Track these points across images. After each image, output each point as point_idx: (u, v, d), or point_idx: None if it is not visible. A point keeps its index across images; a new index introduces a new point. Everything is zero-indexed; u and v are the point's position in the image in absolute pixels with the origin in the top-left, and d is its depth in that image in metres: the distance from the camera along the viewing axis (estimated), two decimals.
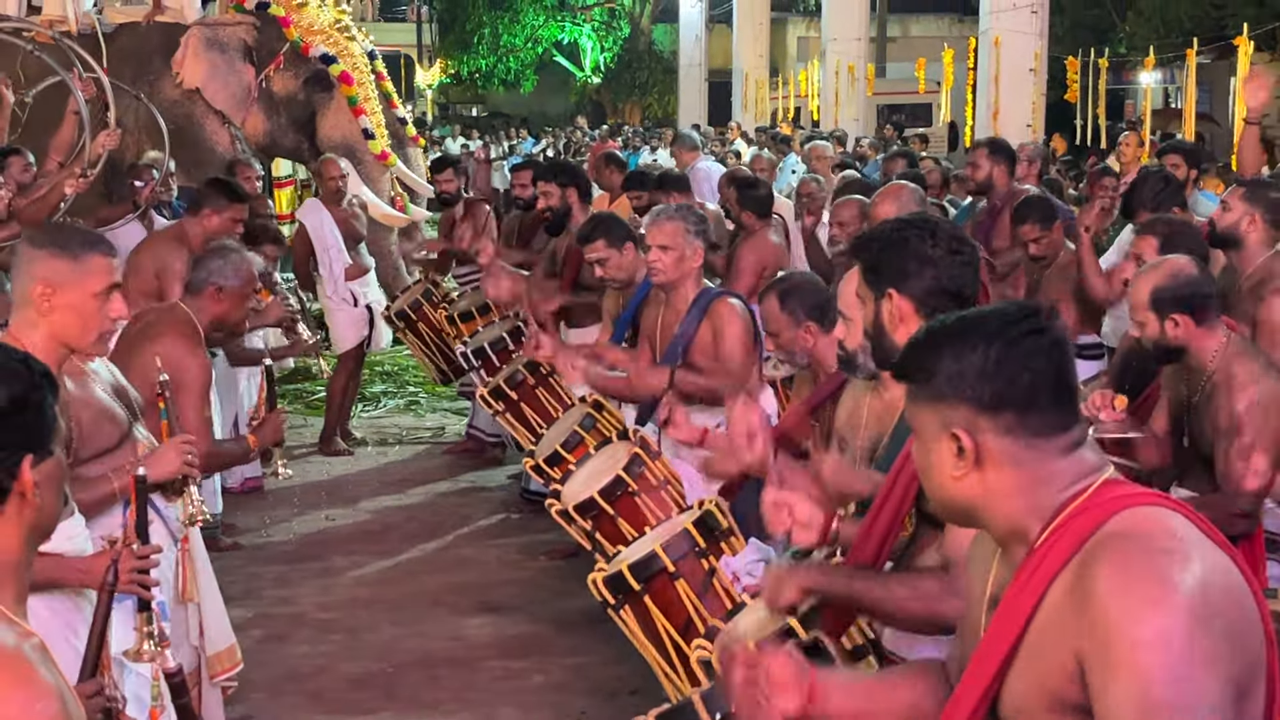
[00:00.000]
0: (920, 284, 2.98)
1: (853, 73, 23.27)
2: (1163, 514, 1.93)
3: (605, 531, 4.73)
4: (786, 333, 4.40)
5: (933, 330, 2.09)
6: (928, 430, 2.06)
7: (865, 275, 3.09)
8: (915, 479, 2.90)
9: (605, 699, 5.37)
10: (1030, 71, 17.77)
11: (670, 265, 5.16)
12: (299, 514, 7.79)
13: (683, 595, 3.98)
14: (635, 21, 38.32)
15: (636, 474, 4.72)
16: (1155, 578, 1.82)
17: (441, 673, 5.64)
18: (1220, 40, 17.99)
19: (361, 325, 8.88)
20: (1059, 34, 22.06)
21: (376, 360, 11.23)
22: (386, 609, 6.36)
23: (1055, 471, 2.00)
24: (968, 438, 1.99)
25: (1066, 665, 1.88)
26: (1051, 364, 1.99)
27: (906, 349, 2.13)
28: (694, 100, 30.58)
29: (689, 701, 2.99)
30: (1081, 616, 1.86)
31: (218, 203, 6.56)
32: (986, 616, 2.09)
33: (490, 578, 6.78)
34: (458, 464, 8.83)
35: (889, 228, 3.12)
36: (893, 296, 3.00)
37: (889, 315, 3.01)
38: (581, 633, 5.98)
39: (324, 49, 10.26)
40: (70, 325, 3.50)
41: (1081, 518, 1.95)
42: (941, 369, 2.02)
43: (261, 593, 6.49)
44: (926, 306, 2.95)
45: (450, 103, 42.00)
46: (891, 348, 2.96)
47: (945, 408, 2.01)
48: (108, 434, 3.76)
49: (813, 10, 33.54)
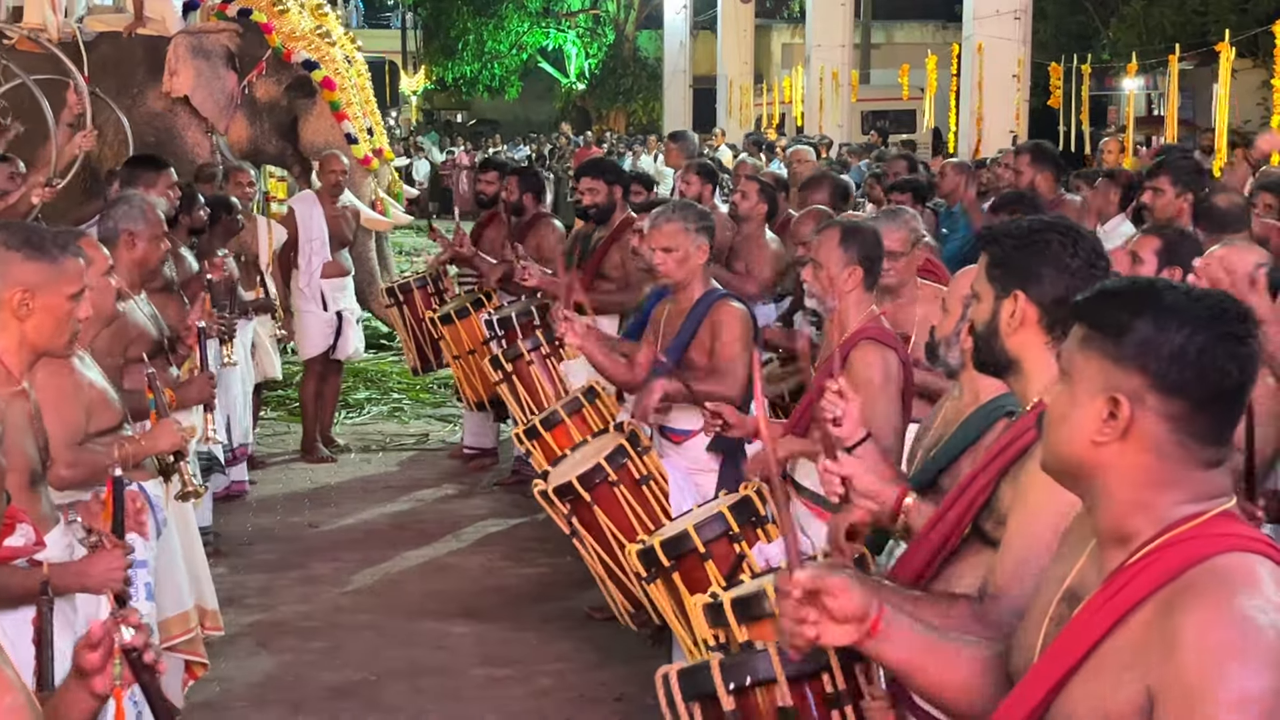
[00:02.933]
0: (1052, 291, 2.80)
1: (837, 79, 23.30)
2: (1268, 567, 1.87)
3: (582, 519, 4.82)
4: (833, 268, 4.30)
5: (1140, 290, 1.99)
6: (1086, 384, 1.97)
7: (990, 270, 2.91)
8: (980, 495, 2.84)
9: (589, 706, 5.36)
10: (1014, 78, 17.82)
11: (674, 266, 5.15)
12: (282, 521, 7.76)
13: (711, 576, 4.05)
14: (620, 28, 38.33)
15: (618, 465, 4.76)
16: (1248, 638, 1.77)
17: (424, 681, 5.61)
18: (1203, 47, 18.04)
19: (328, 332, 8.85)
20: (1042, 40, 22.11)
21: (360, 367, 11.21)
22: (369, 617, 6.33)
23: (1188, 480, 1.94)
24: (1128, 407, 1.92)
25: (1135, 697, 1.83)
26: (1243, 375, 1.92)
27: (1103, 297, 2.02)
28: (678, 106, 30.57)
29: (706, 664, 3.01)
30: (1164, 657, 1.81)
31: (147, 176, 6.52)
32: (1059, 607, 2.05)
33: (474, 585, 6.76)
34: (442, 471, 8.82)
35: (1029, 226, 2.94)
36: (1018, 298, 2.83)
37: (1009, 317, 2.83)
38: (565, 640, 5.97)
39: (306, 55, 10.25)
40: (45, 328, 3.49)
41: (1187, 544, 1.90)
42: (1136, 331, 1.92)
43: (244, 601, 6.46)
44: (1051, 316, 2.78)
45: (435, 109, 42.00)
46: (1000, 351, 2.85)
47: (1120, 370, 1.93)
48: (108, 416, 3.93)
49: (797, 17, 33.57)
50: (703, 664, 3.07)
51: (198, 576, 5.06)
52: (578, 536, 4.90)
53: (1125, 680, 1.86)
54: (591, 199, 7.34)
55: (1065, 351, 2.04)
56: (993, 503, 2.82)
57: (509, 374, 6.70)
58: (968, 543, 2.91)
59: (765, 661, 2.97)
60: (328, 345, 8.86)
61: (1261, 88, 17.00)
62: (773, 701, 2.95)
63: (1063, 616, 2.04)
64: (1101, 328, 1.97)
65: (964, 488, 2.90)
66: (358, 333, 9.17)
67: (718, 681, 2.96)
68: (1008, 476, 2.79)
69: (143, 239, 5.08)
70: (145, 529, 3.72)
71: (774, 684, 2.95)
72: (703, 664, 3.07)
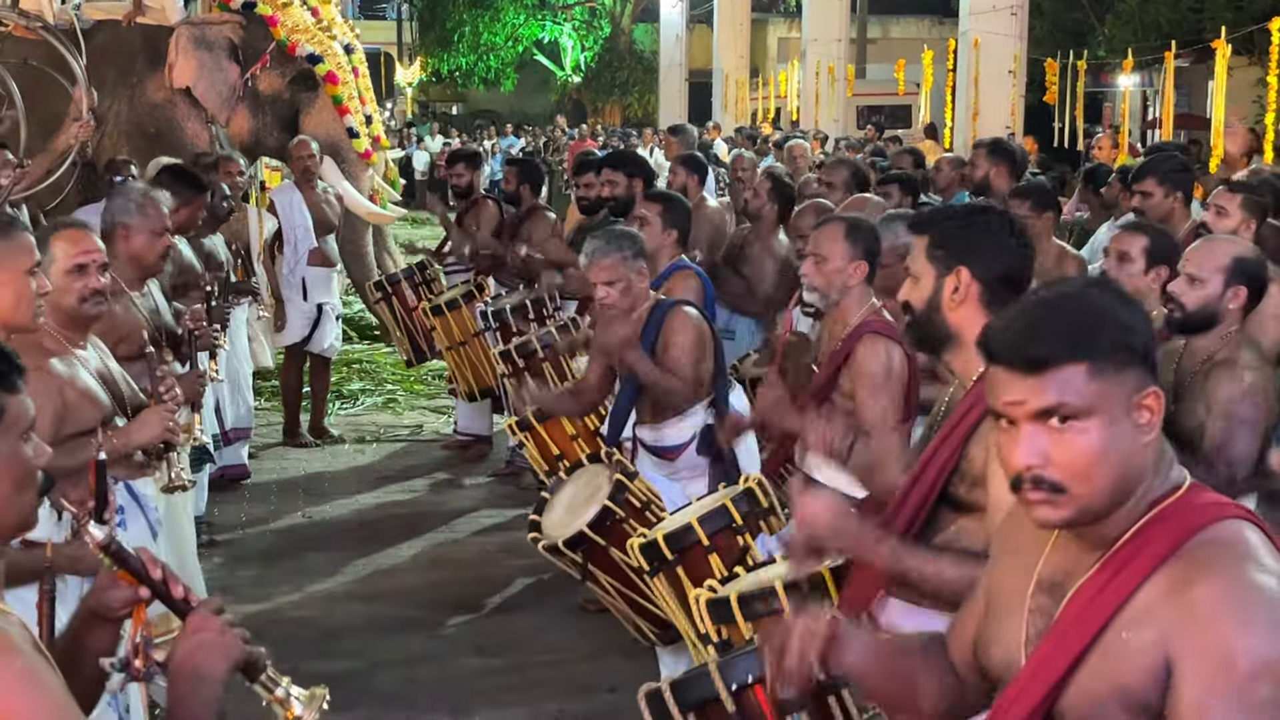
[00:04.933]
0: (993, 267, 2.97)
1: (833, 74, 23.31)
2: (1253, 532, 1.95)
3: (597, 561, 4.65)
4: (837, 261, 4.31)
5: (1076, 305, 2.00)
6: (1117, 403, 1.96)
7: (931, 250, 3.04)
8: (949, 462, 2.91)
9: (582, 697, 5.37)
10: (1009, 73, 17.84)
11: (619, 296, 5.13)
12: (276, 511, 7.77)
13: (715, 569, 4.05)
14: (616, 21, 38.31)
15: (622, 501, 4.61)
16: (1260, 605, 1.85)
17: (418, 671, 5.63)
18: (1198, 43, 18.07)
19: (306, 322, 8.81)
20: (1038, 36, 22.13)
21: (354, 358, 11.22)
22: (363, 606, 6.35)
23: (1166, 456, 2.02)
24: (1159, 395, 1.98)
25: (1154, 666, 1.88)
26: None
27: (1076, 328, 1.97)
28: (674, 100, 30.55)
29: (704, 670, 3.03)
30: (1183, 625, 1.87)
31: (184, 195, 6.52)
32: (1037, 599, 2.08)
33: (467, 575, 6.77)
34: (435, 462, 8.82)
35: (964, 209, 3.10)
36: (960, 274, 2.97)
37: (951, 293, 2.98)
38: (559, 631, 5.99)
39: (310, 48, 10.21)
40: (5, 302, 3.55)
41: (1174, 520, 1.96)
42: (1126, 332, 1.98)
43: (237, 589, 6.46)
44: (992, 291, 2.94)
45: (430, 101, 41.97)
46: (941, 325, 2.98)
47: (1135, 370, 1.98)
48: (89, 415, 3.84)
49: (793, 11, 33.56)
50: (698, 671, 3.08)
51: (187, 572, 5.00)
52: (591, 579, 4.71)
53: (1140, 652, 1.90)
54: (611, 191, 7.32)
55: (1072, 397, 1.95)
56: (961, 465, 2.90)
57: (520, 369, 6.64)
58: (939, 510, 2.97)
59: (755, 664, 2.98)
60: (303, 336, 8.82)
61: (1257, 85, 17.00)
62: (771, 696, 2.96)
63: (1045, 607, 2.06)
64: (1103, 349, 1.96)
65: (932, 454, 2.97)
66: (335, 328, 9.10)
67: (718, 684, 2.98)
68: (974, 437, 2.86)
69: (139, 233, 4.97)
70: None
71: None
72: (698, 671, 3.08)
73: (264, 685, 2.17)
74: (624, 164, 7.53)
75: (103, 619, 2.24)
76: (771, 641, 2.36)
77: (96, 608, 2.24)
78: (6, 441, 1.98)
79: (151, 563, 2.18)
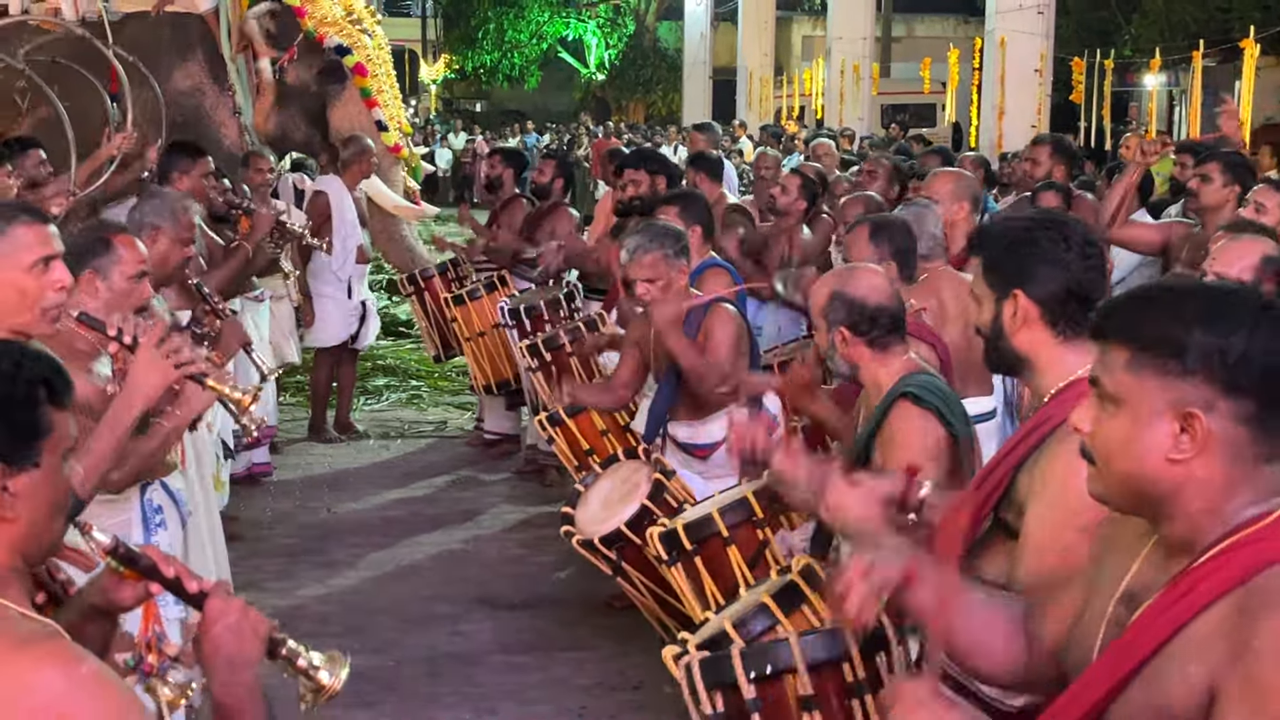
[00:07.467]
0: (1050, 287, 2.83)
1: (857, 72, 23.28)
2: None
3: (629, 558, 4.67)
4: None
5: (1170, 298, 1.95)
6: (1147, 405, 1.90)
7: (986, 274, 2.93)
8: (999, 486, 2.85)
9: (606, 694, 5.36)
10: (1035, 72, 17.78)
11: (659, 294, 5.14)
12: (300, 507, 7.78)
13: (733, 561, 4.06)
14: (640, 18, 38.33)
15: (661, 501, 4.60)
16: None
17: (442, 667, 5.63)
18: (1226, 43, 17.97)
19: (352, 320, 8.86)
20: (1064, 35, 22.03)
21: (379, 354, 11.23)
22: (387, 603, 6.35)
23: (1255, 479, 1.90)
24: (1205, 419, 1.86)
25: (1198, 694, 1.83)
26: None
27: (1135, 311, 1.96)
28: (698, 98, 30.55)
29: (728, 654, 3.03)
30: (1234, 657, 1.79)
31: (182, 164, 6.51)
32: (1116, 608, 2.03)
33: (491, 573, 6.77)
34: (460, 458, 8.83)
35: (1016, 226, 2.96)
36: (1018, 298, 2.85)
37: (1011, 317, 2.86)
38: (582, 628, 5.98)
39: (339, 40, 10.19)
40: (7, 303, 3.17)
41: (1256, 546, 1.87)
42: (1196, 342, 1.87)
43: (262, 585, 6.48)
44: (1053, 312, 2.82)
45: (454, 98, 42.02)
46: (1009, 351, 2.87)
47: (1185, 383, 1.87)
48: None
49: (818, 9, 33.53)
50: (725, 653, 3.08)
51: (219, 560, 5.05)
52: (623, 575, 4.74)
53: (1188, 677, 1.85)
54: (635, 190, 7.30)
55: (1108, 378, 1.97)
56: (1011, 493, 2.84)
57: (547, 363, 6.66)
58: (991, 534, 2.92)
59: (786, 651, 2.98)
60: (349, 334, 8.88)
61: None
62: (794, 690, 2.96)
63: (1121, 618, 2.02)
64: (1153, 346, 1.91)
65: (984, 477, 2.92)
66: (378, 323, 9.21)
67: (739, 670, 2.98)
68: (1025, 466, 2.81)
69: (166, 237, 4.93)
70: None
71: (794, 673, 2.96)
72: (725, 653, 3.08)
73: (287, 659, 2.16)
74: (644, 161, 7.52)
75: (104, 614, 2.25)
76: (840, 576, 2.29)
77: (102, 603, 2.24)
78: (51, 460, 1.94)
79: (163, 560, 2.16)
